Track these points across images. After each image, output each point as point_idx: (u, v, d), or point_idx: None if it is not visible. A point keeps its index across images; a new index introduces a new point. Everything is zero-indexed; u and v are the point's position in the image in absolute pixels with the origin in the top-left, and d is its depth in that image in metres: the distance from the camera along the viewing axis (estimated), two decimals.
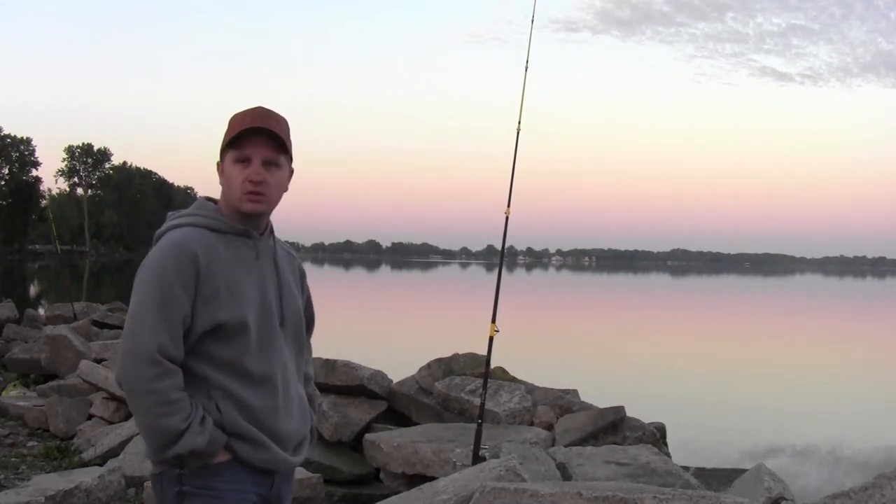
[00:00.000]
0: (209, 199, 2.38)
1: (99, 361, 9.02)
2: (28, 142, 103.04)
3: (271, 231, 2.39)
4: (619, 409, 6.46)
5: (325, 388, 6.62)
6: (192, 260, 2.16)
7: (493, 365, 5.79)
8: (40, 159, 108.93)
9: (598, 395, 8.13)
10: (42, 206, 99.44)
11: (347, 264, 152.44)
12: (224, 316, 2.18)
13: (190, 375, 2.18)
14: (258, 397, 2.24)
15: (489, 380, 5.86)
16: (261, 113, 2.27)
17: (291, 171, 2.37)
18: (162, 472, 2.21)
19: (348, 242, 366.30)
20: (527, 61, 5.90)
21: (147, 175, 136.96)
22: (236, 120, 2.28)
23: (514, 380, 7.27)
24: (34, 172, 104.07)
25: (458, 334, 16.77)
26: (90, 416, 7.80)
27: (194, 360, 2.19)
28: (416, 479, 5.33)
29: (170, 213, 2.37)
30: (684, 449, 8.10)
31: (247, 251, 2.29)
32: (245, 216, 2.29)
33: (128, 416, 7.37)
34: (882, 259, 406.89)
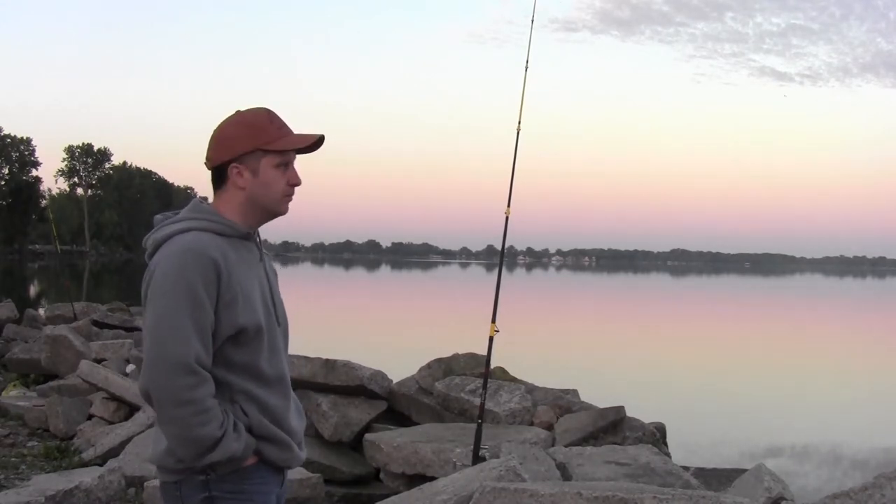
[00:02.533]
0: (203, 199, 2.36)
1: (99, 361, 9.02)
2: (28, 142, 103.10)
3: (258, 232, 2.41)
4: (619, 409, 6.46)
5: (325, 388, 6.63)
6: (213, 265, 2.14)
7: (493, 365, 5.79)
8: (40, 159, 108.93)
9: (598, 395, 8.13)
10: (42, 206, 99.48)
11: (347, 264, 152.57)
12: (244, 321, 2.18)
13: (213, 381, 2.17)
14: (275, 398, 2.26)
15: (489, 380, 5.86)
16: (277, 118, 2.30)
17: None
18: (180, 479, 2.18)
19: (348, 242, 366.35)
20: (527, 61, 5.91)
21: (147, 175, 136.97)
22: (265, 123, 2.26)
23: (514, 380, 7.27)
24: (34, 172, 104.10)
25: (458, 334, 16.77)
26: (90, 416, 7.80)
27: (215, 366, 2.17)
28: (416, 479, 5.34)
29: (158, 217, 2.33)
30: (684, 449, 8.10)
31: (249, 254, 2.29)
32: (263, 219, 2.33)
33: (128, 416, 7.37)
34: (882, 259, 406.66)
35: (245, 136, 2.25)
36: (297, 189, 2.35)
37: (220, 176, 2.29)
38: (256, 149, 2.25)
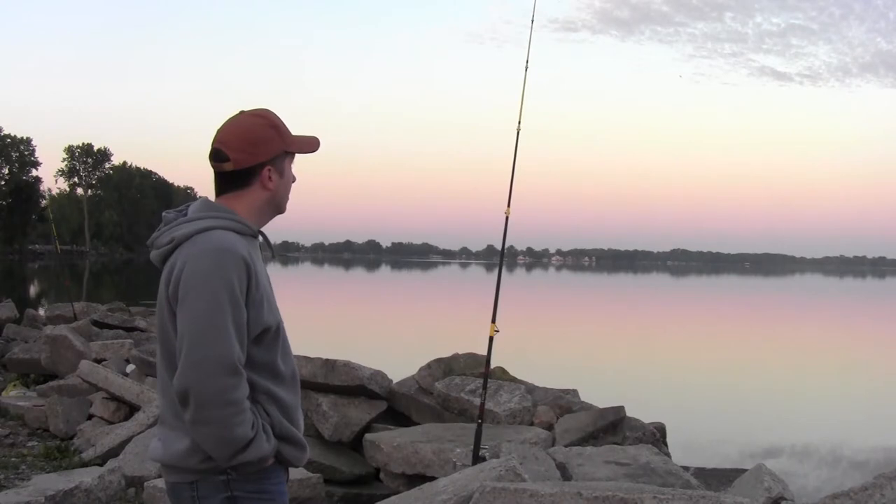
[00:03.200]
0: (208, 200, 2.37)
1: (99, 361, 9.03)
2: (28, 142, 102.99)
3: None
4: (619, 409, 6.46)
5: (325, 388, 6.63)
6: (245, 265, 2.14)
7: (493, 365, 5.80)
8: (40, 159, 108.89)
9: (598, 395, 8.13)
10: (42, 206, 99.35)
11: (347, 264, 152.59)
12: (269, 320, 2.19)
13: None
14: (290, 396, 2.27)
15: (489, 380, 5.86)
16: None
17: None
18: (196, 479, 2.16)
19: (348, 242, 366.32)
20: (527, 61, 5.91)
21: (147, 175, 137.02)
22: (281, 125, 2.30)
23: (514, 380, 7.27)
24: (34, 172, 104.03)
25: (458, 334, 16.79)
26: (90, 416, 7.81)
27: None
28: (416, 479, 5.34)
29: (171, 214, 2.30)
30: (684, 449, 8.10)
31: (261, 253, 2.32)
32: (271, 218, 2.36)
33: (128, 416, 7.37)
34: (882, 259, 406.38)
35: (275, 137, 2.27)
36: (296, 189, 2.39)
37: (244, 177, 2.26)
38: (283, 150, 2.28)
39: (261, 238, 2.38)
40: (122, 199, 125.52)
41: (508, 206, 5.65)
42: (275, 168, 2.28)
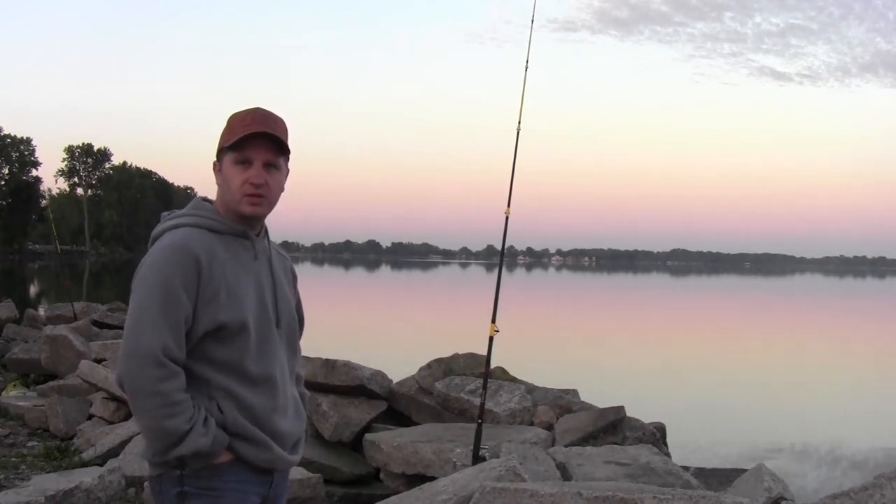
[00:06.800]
0: (206, 199, 2.38)
1: (99, 361, 9.02)
2: (28, 142, 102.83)
3: (266, 232, 2.40)
4: (619, 409, 6.46)
5: (325, 388, 6.63)
6: (194, 261, 2.17)
7: (493, 365, 5.79)
8: (40, 159, 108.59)
9: (598, 395, 8.13)
10: (42, 206, 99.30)
11: (347, 264, 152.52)
12: (225, 317, 2.19)
13: (191, 377, 2.18)
14: (258, 397, 2.26)
15: (489, 380, 5.86)
16: (261, 115, 2.27)
17: (287, 172, 2.38)
18: (161, 473, 2.21)
19: (348, 242, 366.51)
20: (527, 61, 5.90)
21: (147, 175, 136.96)
22: (236, 122, 2.27)
23: (514, 380, 7.27)
24: (34, 172, 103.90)
25: (458, 334, 16.76)
26: (90, 416, 7.81)
27: (195, 361, 2.19)
28: (416, 479, 5.34)
29: (164, 214, 2.36)
30: (684, 449, 8.09)
31: (245, 252, 2.30)
32: (244, 218, 2.30)
33: (128, 416, 7.37)
34: (882, 259, 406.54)
35: (223, 135, 2.31)
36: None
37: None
38: (224, 147, 2.30)
39: (265, 237, 2.38)
40: (122, 199, 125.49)
41: (508, 206, 5.64)
42: (219, 164, 2.32)
